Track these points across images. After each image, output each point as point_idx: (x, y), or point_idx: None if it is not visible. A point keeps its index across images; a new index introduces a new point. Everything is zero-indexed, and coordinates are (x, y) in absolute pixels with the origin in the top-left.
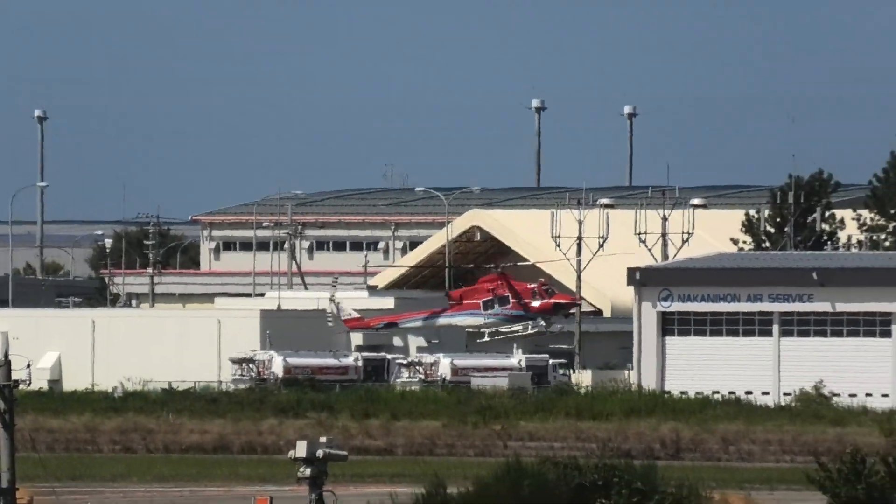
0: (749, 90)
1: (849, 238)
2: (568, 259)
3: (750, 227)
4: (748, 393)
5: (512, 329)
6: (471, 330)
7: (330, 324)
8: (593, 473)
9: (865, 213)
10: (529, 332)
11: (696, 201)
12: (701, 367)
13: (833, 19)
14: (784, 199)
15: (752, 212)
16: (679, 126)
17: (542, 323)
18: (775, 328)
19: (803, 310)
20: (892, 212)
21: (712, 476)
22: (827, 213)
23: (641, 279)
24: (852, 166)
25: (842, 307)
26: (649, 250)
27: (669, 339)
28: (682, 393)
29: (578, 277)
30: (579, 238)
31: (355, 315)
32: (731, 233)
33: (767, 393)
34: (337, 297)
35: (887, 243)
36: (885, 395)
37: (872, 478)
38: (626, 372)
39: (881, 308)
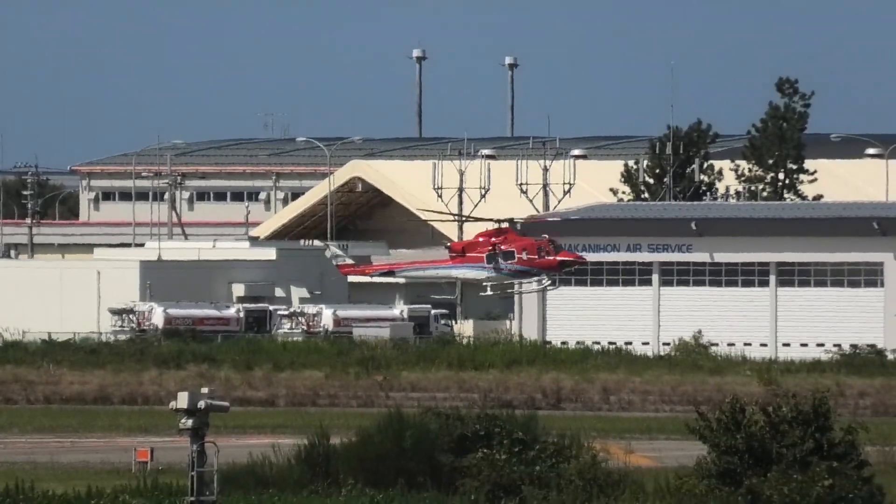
0: (629, 40)
1: (727, 188)
2: (455, 212)
3: (629, 177)
4: (628, 343)
5: (520, 284)
6: (473, 284)
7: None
8: (475, 424)
9: (743, 164)
10: (536, 288)
11: (576, 152)
12: (582, 318)
13: None
14: (663, 149)
15: (632, 162)
16: (560, 77)
17: (547, 280)
18: (655, 278)
19: (682, 260)
20: (770, 162)
21: (593, 426)
22: (705, 164)
23: (523, 230)
24: (731, 117)
25: (720, 257)
26: (531, 201)
27: (551, 290)
28: (563, 343)
29: (460, 228)
30: (461, 189)
31: (349, 261)
32: (610, 183)
33: (647, 343)
34: (331, 244)
35: (765, 194)
36: (763, 345)
37: (752, 427)
38: (508, 322)
39: (759, 258)
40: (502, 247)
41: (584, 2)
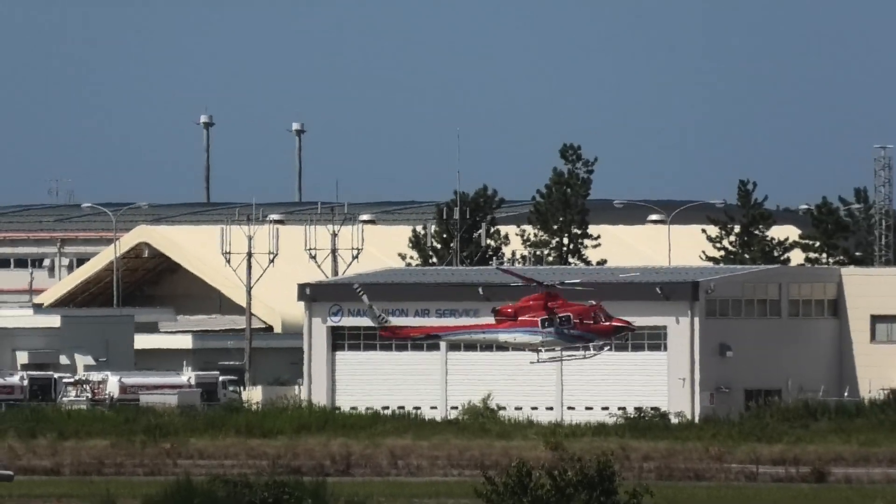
0: (415, 106)
1: (513, 253)
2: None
3: (417, 242)
4: (417, 408)
5: (576, 351)
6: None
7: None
8: (263, 491)
9: (529, 229)
10: (592, 353)
11: (365, 217)
12: (371, 382)
13: (500, 37)
14: (450, 214)
15: (420, 227)
16: (348, 142)
17: (604, 345)
18: (443, 343)
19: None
20: (555, 227)
21: (381, 491)
22: (492, 229)
23: (312, 294)
24: (516, 183)
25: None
26: (319, 266)
27: (340, 354)
28: (352, 408)
29: (248, 293)
30: (249, 254)
31: (392, 323)
32: (399, 248)
33: (436, 407)
34: (373, 305)
35: (550, 258)
36: (549, 409)
37: (538, 491)
38: (297, 388)
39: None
40: (558, 311)
41: (369, 67)
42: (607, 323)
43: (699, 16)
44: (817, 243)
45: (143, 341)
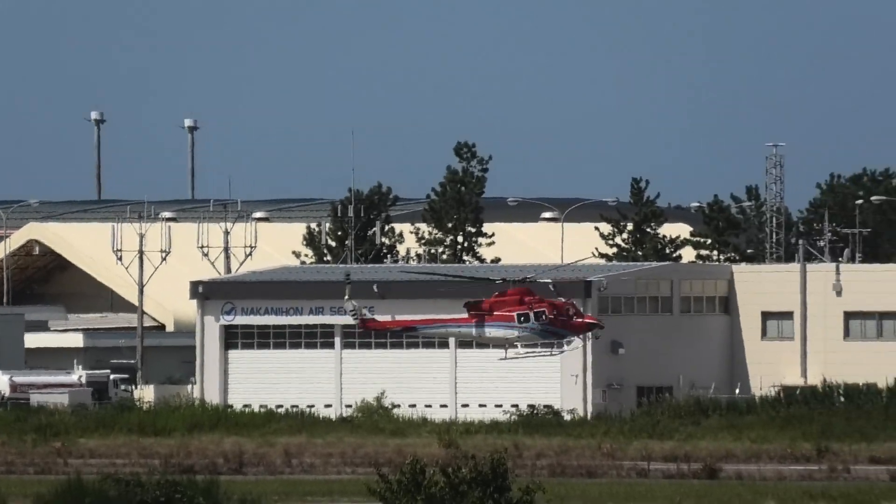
0: (309, 103)
1: (408, 251)
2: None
3: (312, 240)
4: (311, 406)
5: (544, 348)
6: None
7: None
8: (155, 490)
9: (424, 227)
10: (567, 349)
11: (258, 215)
12: (265, 381)
13: (394, 33)
14: (345, 212)
15: (314, 225)
16: (241, 139)
17: (577, 341)
18: (337, 340)
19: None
20: (450, 226)
21: (275, 489)
22: (386, 227)
23: (204, 293)
24: (411, 181)
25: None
26: (212, 264)
27: (233, 353)
28: (245, 407)
29: (140, 291)
30: (141, 252)
31: (370, 316)
32: (293, 246)
33: (330, 405)
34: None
35: (445, 256)
36: (443, 406)
37: (432, 488)
38: (190, 386)
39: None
40: (534, 307)
41: (263, 64)
42: (580, 320)
43: (593, 13)
44: (708, 240)
45: (33, 340)
